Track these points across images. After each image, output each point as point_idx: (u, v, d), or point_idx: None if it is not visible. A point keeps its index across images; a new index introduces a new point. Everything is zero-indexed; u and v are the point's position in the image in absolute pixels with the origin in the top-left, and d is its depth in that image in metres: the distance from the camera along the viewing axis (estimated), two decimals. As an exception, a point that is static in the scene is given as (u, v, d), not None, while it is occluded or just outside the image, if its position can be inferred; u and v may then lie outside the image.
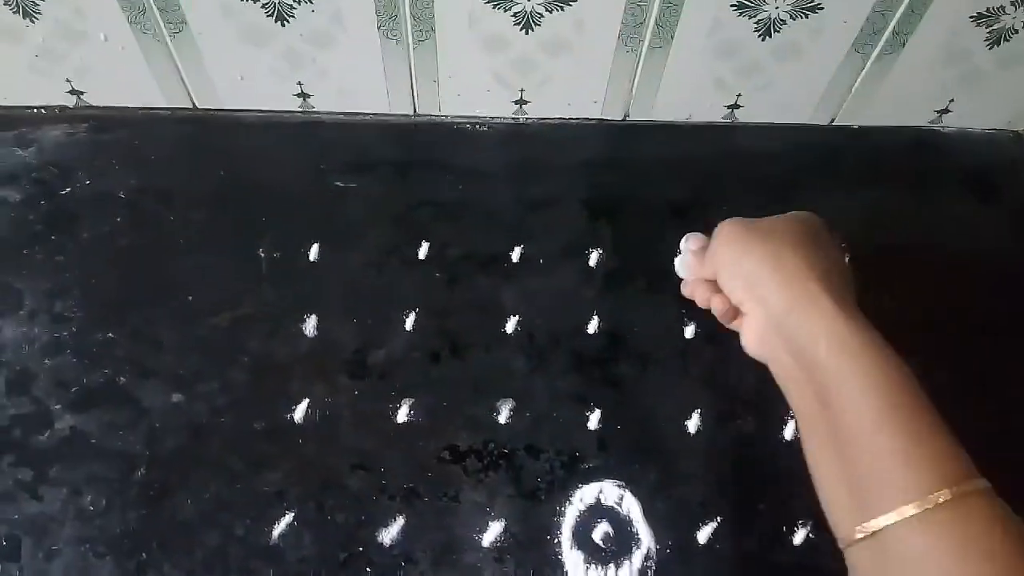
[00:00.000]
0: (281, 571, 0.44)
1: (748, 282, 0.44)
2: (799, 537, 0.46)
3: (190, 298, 0.53)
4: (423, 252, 0.57)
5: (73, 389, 0.49)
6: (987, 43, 0.58)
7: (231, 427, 0.49)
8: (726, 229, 0.47)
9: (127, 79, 0.60)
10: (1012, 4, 0.55)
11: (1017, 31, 0.57)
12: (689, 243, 0.51)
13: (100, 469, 0.47)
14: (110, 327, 0.52)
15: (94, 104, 0.62)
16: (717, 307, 0.47)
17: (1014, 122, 0.67)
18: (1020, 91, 0.63)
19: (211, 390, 0.50)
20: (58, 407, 0.49)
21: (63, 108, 0.62)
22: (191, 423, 0.48)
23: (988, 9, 0.56)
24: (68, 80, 0.60)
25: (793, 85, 0.62)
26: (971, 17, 0.56)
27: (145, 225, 0.57)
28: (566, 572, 0.45)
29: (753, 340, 0.44)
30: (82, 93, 0.61)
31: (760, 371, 0.52)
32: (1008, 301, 0.58)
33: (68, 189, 0.58)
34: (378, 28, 0.56)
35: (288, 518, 0.45)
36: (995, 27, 0.57)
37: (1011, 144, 0.67)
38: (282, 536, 0.45)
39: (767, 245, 0.44)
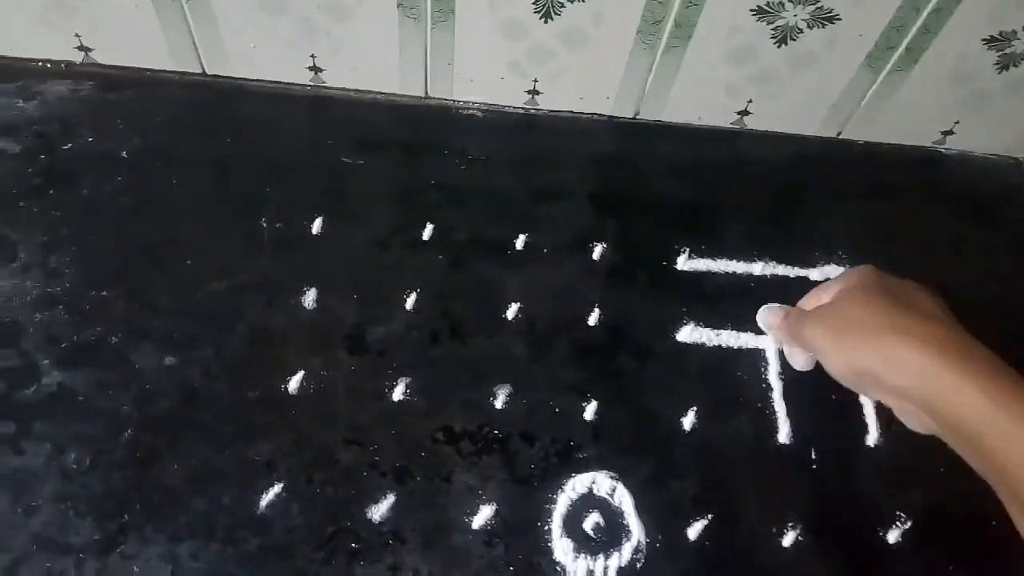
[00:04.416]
0: (266, 541, 0.43)
1: (870, 383, 0.41)
2: (788, 539, 0.46)
3: (188, 262, 0.53)
4: (427, 233, 0.56)
5: (63, 345, 0.48)
6: (996, 67, 0.59)
7: (224, 394, 0.48)
8: (817, 328, 0.44)
9: (138, 39, 0.59)
10: (1024, 29, 0.56)
11: (1027, 57, 0.58)
12: (764, 318, 0.52)
13: (86, 428, 0.46)
14: (105, 286, 0.51)
15: (102, 62, 0.61)
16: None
17: (1014, 149, 0.68)
18: (1023, 117, 0.64)
19: (205, 355, 0.49)
20: (46, 362, 0.47)
21: (69, 64, 0.61)
22: (183, 387, 0.48)
23: (1001, 33, 0.56)
24: (77, 35, 0.59)
25: (804, 95, 0.63)
26: (983, 40, 0.57)
27: (147, 186, 0.56)
28: (555, 559, 0.44)
29: (907, 422, 0.42)
30: (91, 50, 0.60)
31: (753, 373, 0.52)
32: (1000, 323, 0.58)
33: (70, 145, 0.57)
34: (398, 5, 0.55)
35: (277, 488, 0.45)
36: (1006, 51, 0.58)
37: (1011, 170, 0.68)
38: (270, 506, 0.44)
39: (872, 344, 0.40)
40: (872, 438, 0.51)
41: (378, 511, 0.45)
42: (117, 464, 0.45)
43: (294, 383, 0.49)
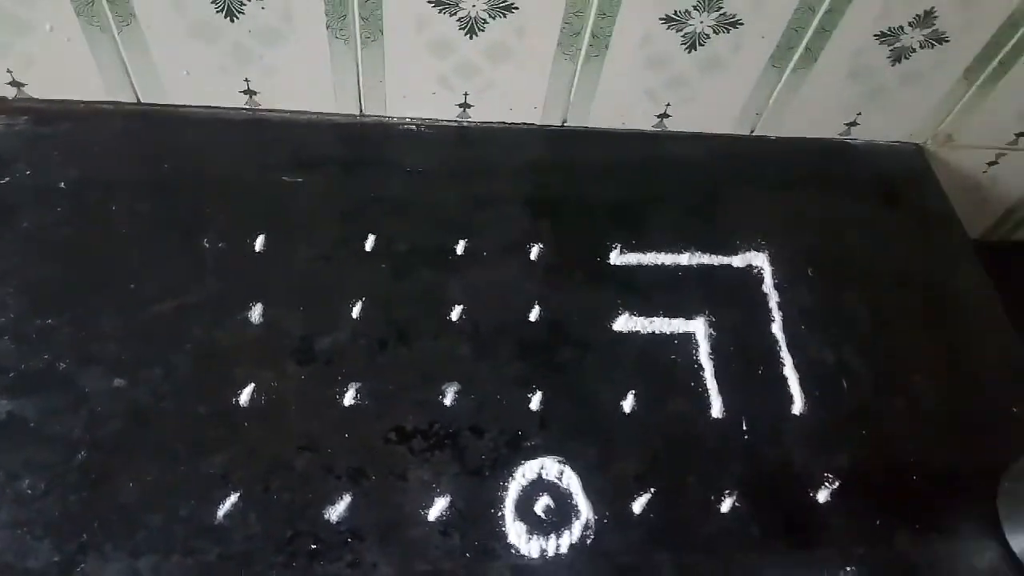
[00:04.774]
0: (226, 550, 0.44)
1: None
2: (726, 505, 0.49)
3: (132, 287, 0.53)
4: (369, 245, 0.58)
5: (11, 374, 0.48)
6: (890, 60, 0.65)
7: (174, 412, 0.49)
8: None
9: (71, 72, 0.60)
10: (910, 24, 0.61)
11: (915, 50, 0.64)
12: None
13: (39, 453, 0.46)
14: (50, 314, 0.51)
15: (36, 96, 0.62)
16: None
17: (915, 135, 0.73)
18: (919, 107, 0.70)
19: (154, 376, 0.50)
20: (-6, 392, 0.48)
21: (2, 100, 0.61)
22: (133, 408, 0.48)
23: (890, 28, 0.62)
24: (9, 71, 0.59)
25: (716, 97, 0.67)
26: (875, 35, 0.62)
27: (87, 216, 0.57)
28: (509, 543, 0.46)
29: None
30: (23, 85, 0.60)
31: (685, 356, 0.55)
32: (910, 295, 0.63)
33: (7, 179, 0.57)
34: (327, 27, 0.58)
35: (233, 498, 0.46)
36: (896, 46, 0.63)
37: (913, 156, 0.74)
38: (227, 516, 0.45)
39: None
40: (798, 407, 0.54)
41: (335, 512, 0.46)
42: (72, 487, 0.45)
43: (245, 396, 0.50)
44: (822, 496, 0.50)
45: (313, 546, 0.45)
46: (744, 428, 0.53)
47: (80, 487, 0.45)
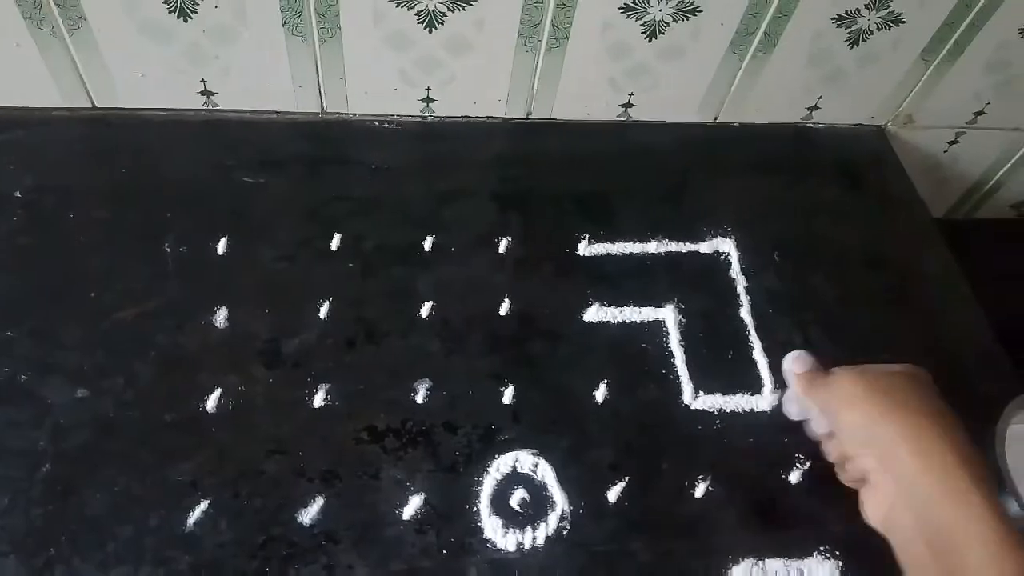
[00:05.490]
0: (198, 558, 0.43)
1: (881, 453, 0.41)
2: (700, 491, 0.49)
3: (92, 295, 0.52)
4: (335, 244, 0.58)
5: (-32, 389, 0.47)
6: (848, 43, 0.65)
7: (140, 420, 0.48)
8: (846, 388, 0.44)
9: (23, 78, 0.58)
10: (867, 7, 0.62)
11: (872, 32, 0.64)
12: (794, 364, 0.48)
13: (1, 468, 0.45)
14: (8, 326, 0.50)
15: (-15, 104, 0.60)
16: (832, 456, 0.46)
17: (876, 117, 0.74)
18: (879, 89, 0.71)
19: (117, 385, 0.49)
20: (-48, 408, 0.47)
21: (-50, 108, 0.60)
22: (97, 418, 0.47)
23: (847, 11, 0.62)
24: (-44, 78, 0.58)
25: (678, 85, 0.67)
26: (832, 19, 0.63)
27: (44, 224, 0.55)
28: (485, 537, 0.46)
29: (878, 512, 0.42)
30: (-28, 92, 0.59)
31: (655, 343, 0.56)
32: (876, 275, 0.64)
33: (-42, 189, 0.56)
34: (283, 24, 0.57)
35: (203, 506, 0.45)
36: (853, 28, 0.64)
37: (874, 138, 0.75)
38: (197, 523, 0.44)
39: (900, 413, 0.41)
40: (767, 390, 0.55)
41: (308, 515, 0.46)
42: (37, 500, 0.44)
43: (211, 402, 0.49)
44: (794, 477, 0.51)
45: (287, 550, 0.44)
46: (715, 413, 0.53)
47: (46, 500, 0.44)
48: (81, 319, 0.51)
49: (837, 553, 0.48)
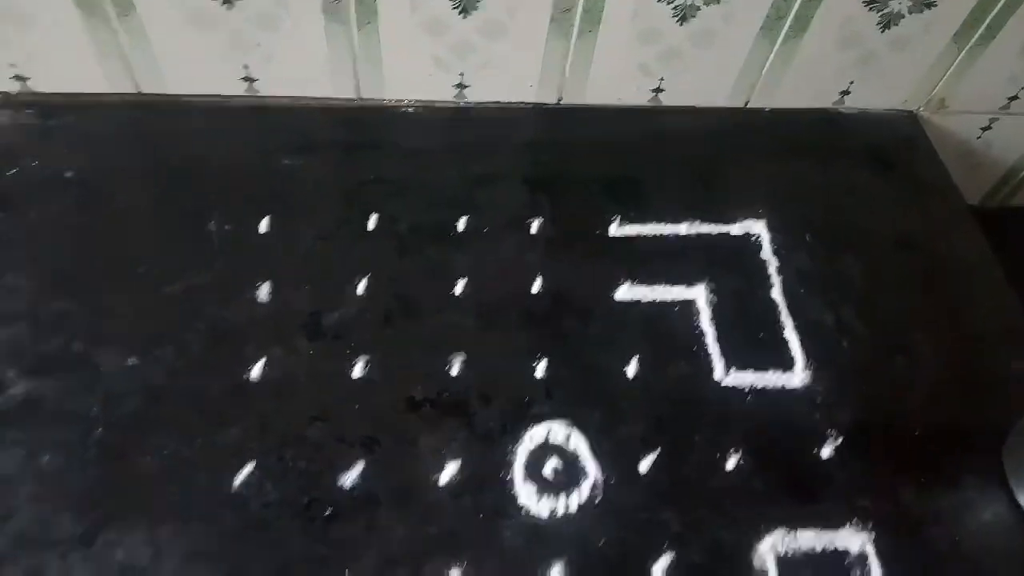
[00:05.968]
0: (244, 516, 0.45)
1: None
2: (731, 463, 0.50)
3: (141, 270, 0.54)
4: (372, 224, 0.59)
5: (26, 356, 0.50)
6: (879, 27, 0.65)
7: (188, 388, 0.50)
8: None
9: (73, 65, 0.61)
10: (897, -10, 0.62)
11: (904, 15, 0.64)
12: None
13: (57, 431, 0.47)
14: (62, 298, 0.52)
15: (39, 90, 0.63)
16: None
17: (909, 102, 0.74)
18: (911, 73, 0.71)
19: (167, 354, 0.51)
20: (11, 374, 0.49)
21: (6, 94, 0.62)
22: (147, 386, 0.49)
23: (877, -5, 0.62)
24: (12, 65, 0.60)
25: (710, 70, 0.68)
26: (863, 2, 0.63)
27: (95, 204, 0.58)
28: (520, 503, 0.47)
29: None
30: (27, 79, 0.62)
31: (686, 322, 0.56)
32: (908, 258, 0.64)
33: (15, 170, 0.58)
34: (323, 11, 0.59)
35: (249, 467, 0.47)
36: (884, 11, 0.64)
37: (907, 123, 0.75)
38: (244, 485, 0.46)
39: None
40: (799, 368, 0.55)
41: (349, 478, 0.47)
42: (91, 462, 0.46)
43: (256, 372, 0.51)
44: (825, 452, 0.51)
45: (329, 511, 0.46)
46: (746, 390, 0.54)
47: (99, 462, 0.46)
48: (131, 293, 0.53)
49: (869, 525, 0.48)
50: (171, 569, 0.43)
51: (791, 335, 0.57)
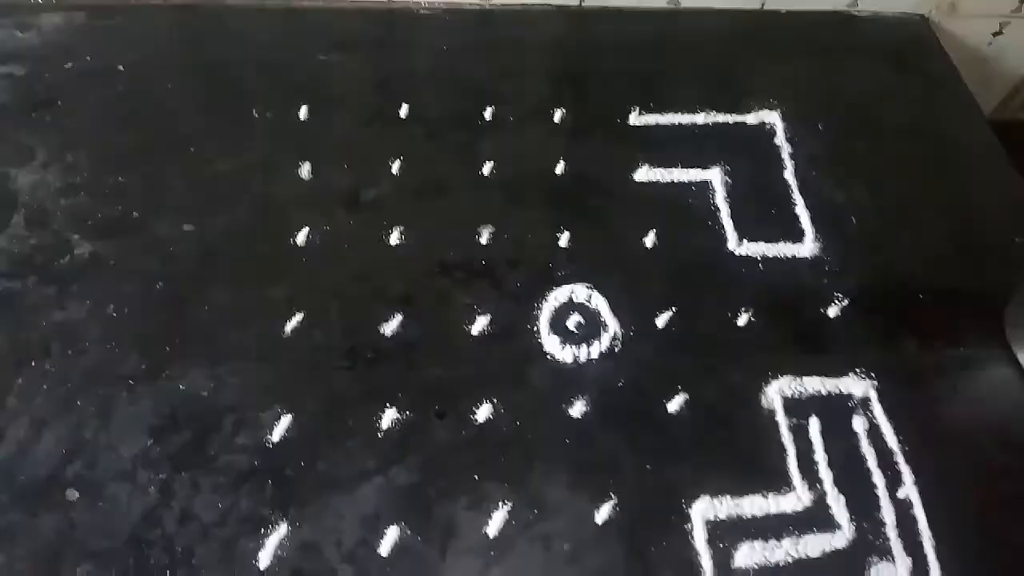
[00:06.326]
0: (295, 357, 0.49)
1: None
2: (742, 320, 0.53)
3: (192, 149, 0.58)
4: (404, 112, 0.63)
5: (89, 222, 0.54)
6: (892, -75, 0.67)
7: (240, 250, 0.54)
8: None
9: (121, -36, 0.64)
10: None
11: (916, -89, 0.66)
12: None
13: (121, 284, 0.51)
14: (120, 173, 0.56)
15: (89, -8, 0.66)
16: None
17: (920, 5, 0.76)
18: (923, -24, 0.72)
19: (218, 222, 0.55)
20: (76, 236, 0.53)
21: (59, -3, 0.66)
22: (203, 247, 0.53)
23: None
24: (65, -35, 0.64)
25: (727, -30, 0.70)
26: None
27: (146, 93, 0.61)
28: (545, 351, 0.51)
29: None
30: (78, -20, 0.65)
31: (702, 199, 0.59)
32: (918, 145, 0.66)
33: (70, 64, 0.62)
34: (357, -94, 0.61)
35: (298, 317, 0.51)
36: (896, -94, 0.66)
37: (919, 26, 0.76)
38: (294, 331, 0.50)
39: None
40: (809, 240, 0.58)
41: (389, 327, 0.51)
42: (154, 309, 0.50)
43: (301, 237, 0.55)
44: (832, 311, 0.55)
45: (371, 355, 0.50)
46: (758, 258, 0.57)
47: (160, 310, 0.50)
48: (184, 168, 0.57)
49: (872, 374, 0.52)
50: (230, 397, 0.47)
51: (802, 211, 0.60)
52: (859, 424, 0.49)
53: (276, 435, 0.46)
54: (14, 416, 0.46)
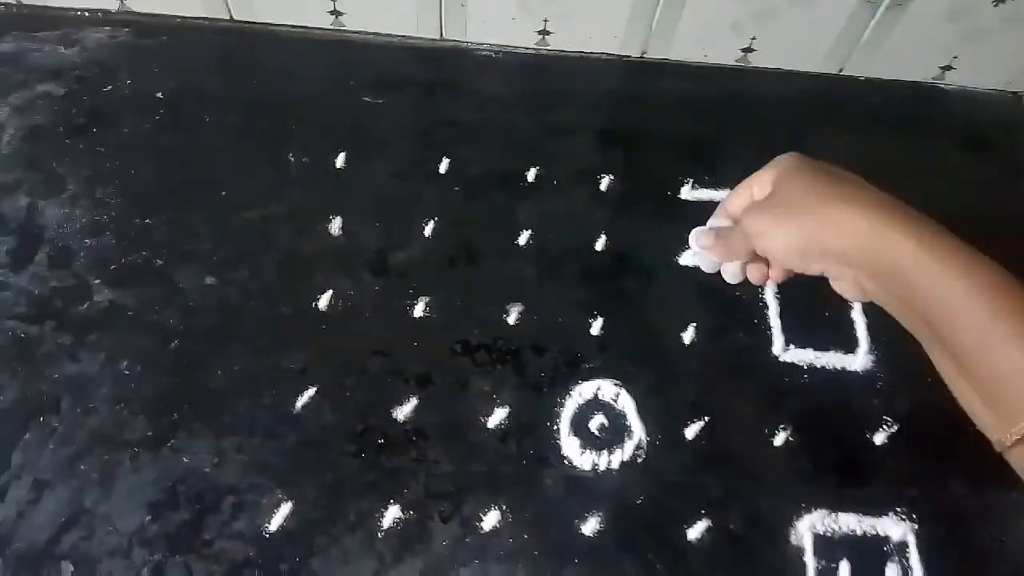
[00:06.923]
0: (303, 436, 0.48)
1: (814, 254, 0.42)
2: (779, 439, 0.50)
3: (223, 193, 0.57)
4: (444, 167, 0.60)
5: (112, 267, 0.53)
6: (993, 1, 0.61)
7: (260, 310, 0.52)
8: (762, 216, 0.44)
9: (170, -15, 0.62)
10: (1019, -39, 0.58)
11: (1022, -11, 0.60)
12: (701, 240, 0.47)
13: (136, 339, 0.50)
14: (148, 214, 0.55)
15: (136, 10, 0.65)
16: (770, 277, 0.46)
17: (1014, 83, 0.69)
18: (1021, 52, 0.66)
19: (242, 276, 0.53)
20: (97, 282, 0.52)
21: (106, 12, 0.65)
22: (223, 304, 0.52)
23: (996, -35, 0.58)
24: (113, -17, 0.62)
25: (806, 32, 0.65)
26: (979, -28, 0.59)
27: (182, 125, 0.60)
28: (563, 454, 0.48)
29: (842, 289, 0.43)
30: (125, -3, 0.64)
31: (752, 294, 0.55)
32: (993, 246, 0.61)
33: (109, 87, 0.61)
34: (414, -53, 0.58)
35: (310, 392, 0.49)
36: (1002, -17, 0.60)
37: (1009, 104, 0.70)
38: (305, 407, 0.49)
39: (817, 214, 0.42)
40: (863, 351, 0.54)
41: (402, 412, 0.49)
42: (166, 370, 0.49)
43: (323, 301, 0.53)
44: (879, 438, 0.51)
45: (381, 441, 0.48)
46: (804, 367, 0.53)
47: (173, 371, 0.49)
48: (212, 215, 0.55)
49: (914, 516, 0.48)
50: (232, 476, 0.46)
51: (858, 316, 0.56)
52: (893, 573, 0.46)
53: (274, 524, 0.45)
54: (18, 474, 0.45)
